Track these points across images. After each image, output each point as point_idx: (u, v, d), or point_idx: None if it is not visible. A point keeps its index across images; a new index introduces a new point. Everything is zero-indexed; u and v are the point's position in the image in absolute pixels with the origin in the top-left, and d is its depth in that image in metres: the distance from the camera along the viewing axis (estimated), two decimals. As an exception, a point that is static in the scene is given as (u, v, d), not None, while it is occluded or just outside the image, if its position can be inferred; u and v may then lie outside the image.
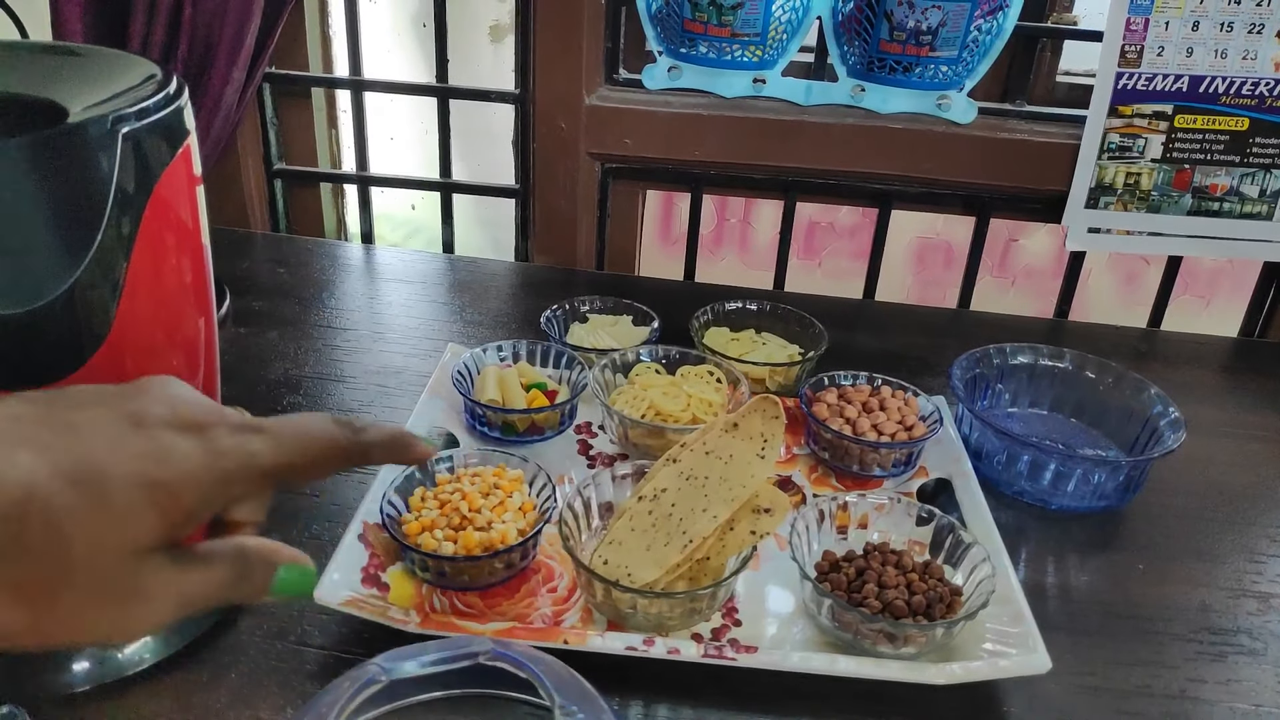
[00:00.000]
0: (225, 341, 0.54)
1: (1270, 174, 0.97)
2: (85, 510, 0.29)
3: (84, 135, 0.41)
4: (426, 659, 0.41)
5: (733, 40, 0.97)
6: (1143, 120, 0.96)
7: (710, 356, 0.80)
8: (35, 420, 0.30)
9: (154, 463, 0.31)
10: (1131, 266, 1.50)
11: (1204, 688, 0.58)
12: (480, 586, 0.59)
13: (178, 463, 0.31)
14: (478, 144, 1.22)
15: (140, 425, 0.31)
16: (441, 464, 0.65)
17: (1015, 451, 0.73)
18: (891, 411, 0.74)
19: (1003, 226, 1.40)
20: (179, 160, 0.46)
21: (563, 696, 0.39)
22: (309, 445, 0.34)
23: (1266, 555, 0.70)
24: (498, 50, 1.40)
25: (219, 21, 0.90)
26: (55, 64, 0.49)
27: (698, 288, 1.09)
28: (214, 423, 0.32)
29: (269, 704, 0.52)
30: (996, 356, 0.82)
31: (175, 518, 0.31)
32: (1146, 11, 0.92)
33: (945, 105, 0.98)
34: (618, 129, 1.02)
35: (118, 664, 0.52)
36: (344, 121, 1.17)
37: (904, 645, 0.55)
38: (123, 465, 0.30)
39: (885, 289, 1.11)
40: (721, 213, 1.59)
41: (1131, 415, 0.77)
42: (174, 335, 0.50)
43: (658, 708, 0.54)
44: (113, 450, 0.30)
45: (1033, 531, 0.71)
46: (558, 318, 0.88)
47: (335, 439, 0.35)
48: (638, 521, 0.58)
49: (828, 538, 0.64)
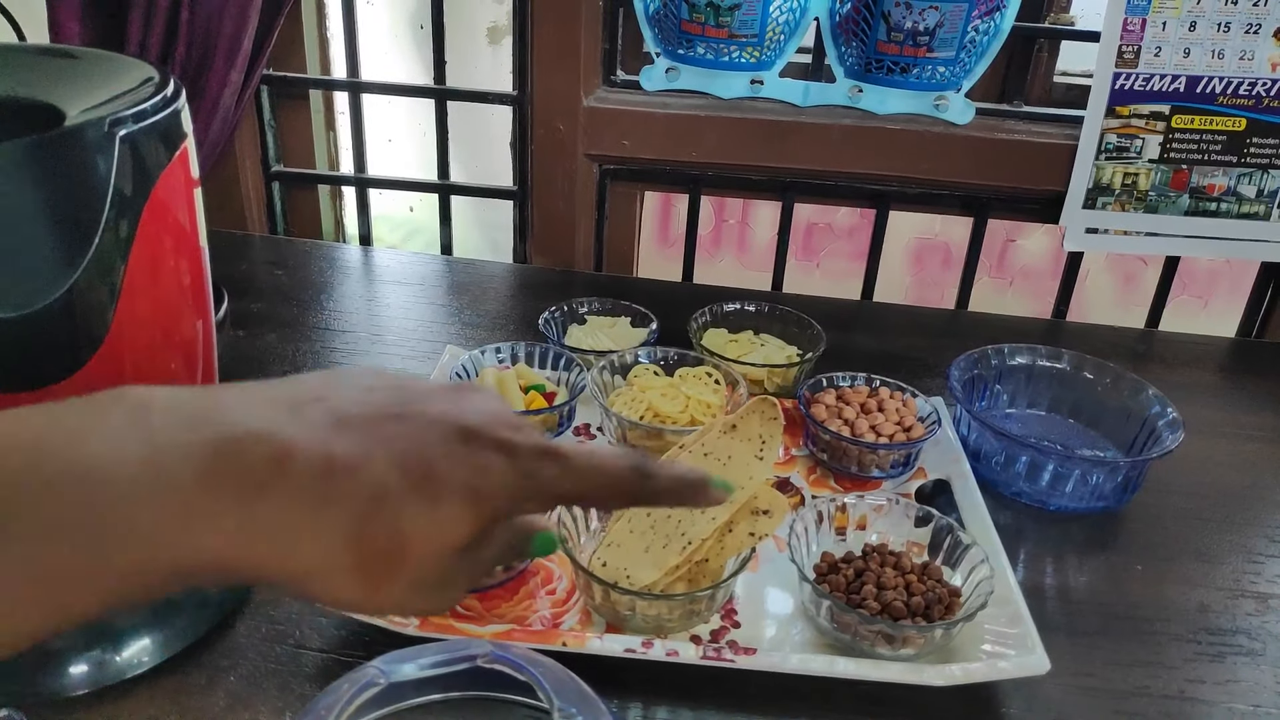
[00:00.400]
0: (223, 344, 0.54)
1: (1267, 174, 0.97)
2: (421, 511, 0.32)
3: (81, 138, 0.41)
4: (425, 661, 0.41)
5: (730, 41, 0.97)
6: (1140, 120, 0.96)
7: (708, 358, 0.80)
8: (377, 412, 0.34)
9: (476, 475, 0.34)
10: (1129, 267, 1.50)
11: (1202, 688, 0.58)
12: (479, 589, 0.59)
13: (494, 479, 0.34)
14: (476, 146, 1.22)
15: (467, 439, 0.34)
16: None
17: (1013, 452, 0.73)
18: (890, 413, 0.74)
19: (1000, 227, 1.40)
20: (176, 163, 0.46)
21: (561, 699, 0.39)
22: (601, 482, 0.36)
23: (1265, 555, 0.70)
24: (495, 52, 1.40)
25: (216, 24, 0.90)
26: (53, 67, 0.49)
27: (696, 289, 1.09)
28: (522, 443, 0.35)
29: (267, 707, 0.52)
30: (994, 357, 0.82)
31: (484, 524, 0.34)
32: (1144, 12, 0.92)
33: (943, 106, 0.98)
34: (616, 130, 1.02)
35: (116, 667, 0.52)
36: (342, 123, 1.17)
37: (903, 646, 0.55)
38: (454, 475, 0.33)
39: (883, 290, 1.11)
40: (719, 214, 1.59)
41: (1129, 416, 0.77)
42: (172, 337, 0.50)
43: (656, 710, 0.54)
44: (446, 458, 0.33)
45: (1031, 532, 0.71)
46: (556, 319, 0.88)
47: (625, 481, 0.37)
48: (636, 523, 0.58)
49: (826, 539, 0.64)
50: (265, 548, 0.31)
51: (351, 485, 0.31)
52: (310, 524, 0.31)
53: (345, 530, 0.31)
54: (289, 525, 0.31)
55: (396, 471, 0.32)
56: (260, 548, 0.31)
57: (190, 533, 0.29)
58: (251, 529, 0.30)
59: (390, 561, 0.32)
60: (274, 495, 0.30)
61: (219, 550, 0.30)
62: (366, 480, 0.32)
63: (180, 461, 0.30)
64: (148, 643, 0.53)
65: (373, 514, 0.32)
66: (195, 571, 0.30)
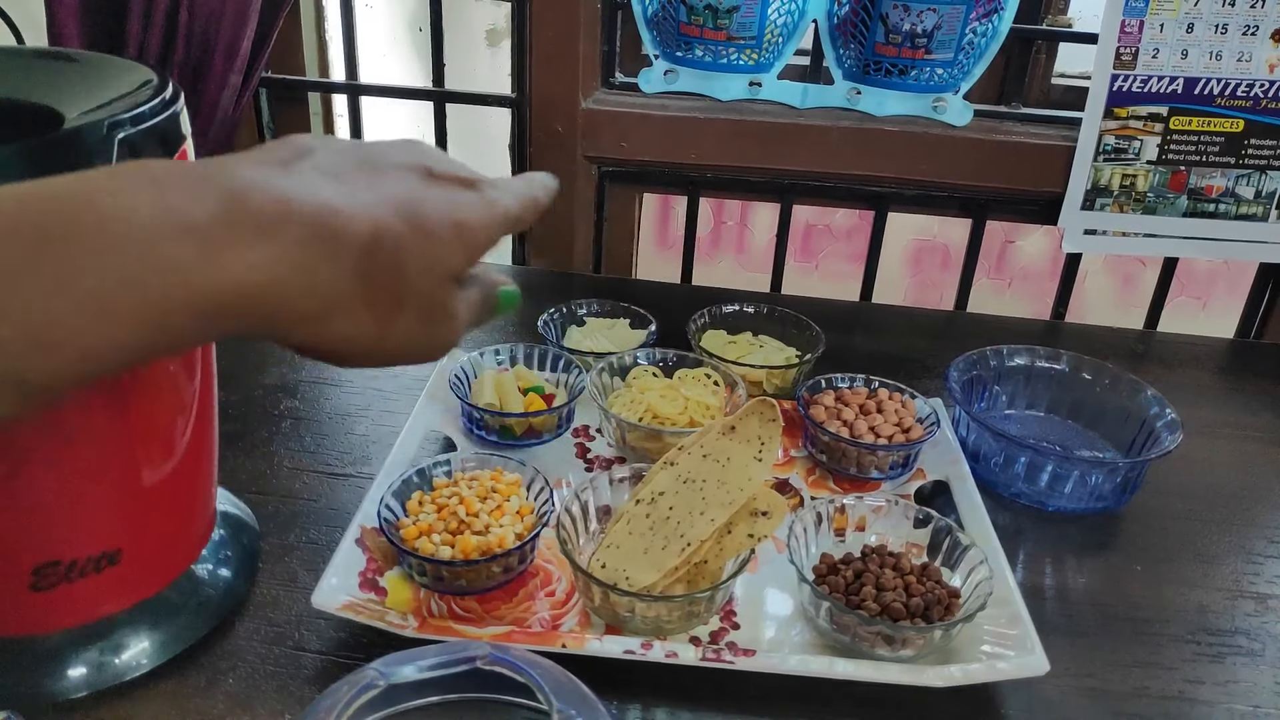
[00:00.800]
0: (222, 346, 0.54)
1: (1265, 175, 0.97)
2: (416, 242, 0.37)
3: (80, 141, 0.41)
4: (424, 663, 0.41)
5: (728, 44, 0.97)
6: (1138, 122, 0.96)
7: (707, 359, 0.80)
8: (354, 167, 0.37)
9: (454, 207, 0.38)
10: (1128, 268, 1.50)
11: (1202, 689, 0.58)
12: (478, 590, 0.59)
13: (469, 209, 0.39)
14: (474, 148, 1.22)
15: (431, 178, 0.39)
16: (439, 468, 0.65)
17: (1012, 453, 0.73)
18: (889, 414, 0.74)
19: (999, 228, 1.40)
20: (175, 165, 0.46)
21: (561, 700, 0.39)
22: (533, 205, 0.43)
23: (1264, 556, 0.70)
24: (494, 54, 1.40)
25: (215, 26, 0.90)
26: (51, 69, 0.49)
27: (695, 290, 1.09)
28: (476, 179, 0.41)
29: (266, 709, 0.52)
30: (993, 358, 0.82)
31: (472, 253, 0.39)
32: (1141, 14, 0.92)
33: (941, 108, 0.98)
34: (614, 132, 1.02)
35: (115, 669, 0.52)
36: (341, 126, 1.17)
37: (902, 648, 0.55)
38: (435, 207, 0.38)
39: (882, 291, 1.11)
40: (718, 215, 1.60)
41: (1128, 417, 0.77)
42: (171, 340, 0.50)
43: (656, 711, 0.54)
44: (423, 196, 0.38)
45: (1030, 533, 0.71)
46: (555, 321, 0.88)
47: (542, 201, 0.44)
48: (635, 525, 0.58)
49: (825, 540, 0.64)
50: (286, 277, 0.33)
51: (353, 226, 0.35)
52: (322, 261, 0.34)
53: (354, 266, 0.35)
54: (304, 262, 0.34)
55: (389, 212, 0.36)
56: (280, 278, 0.33)
57: (211, 264, 0.31)
58: (271, 260, 0.33)
59: (395, 294, 0.36)
60: (284, 235, 0.33)
61: (240, 281, 0.32)
62: (365, 220, 0.35)
63: (192, 204, 0.32)
64: (147, 645, 0.53)
65: (375, 250, 0.35)
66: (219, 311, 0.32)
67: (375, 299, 0.36)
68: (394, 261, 0.36)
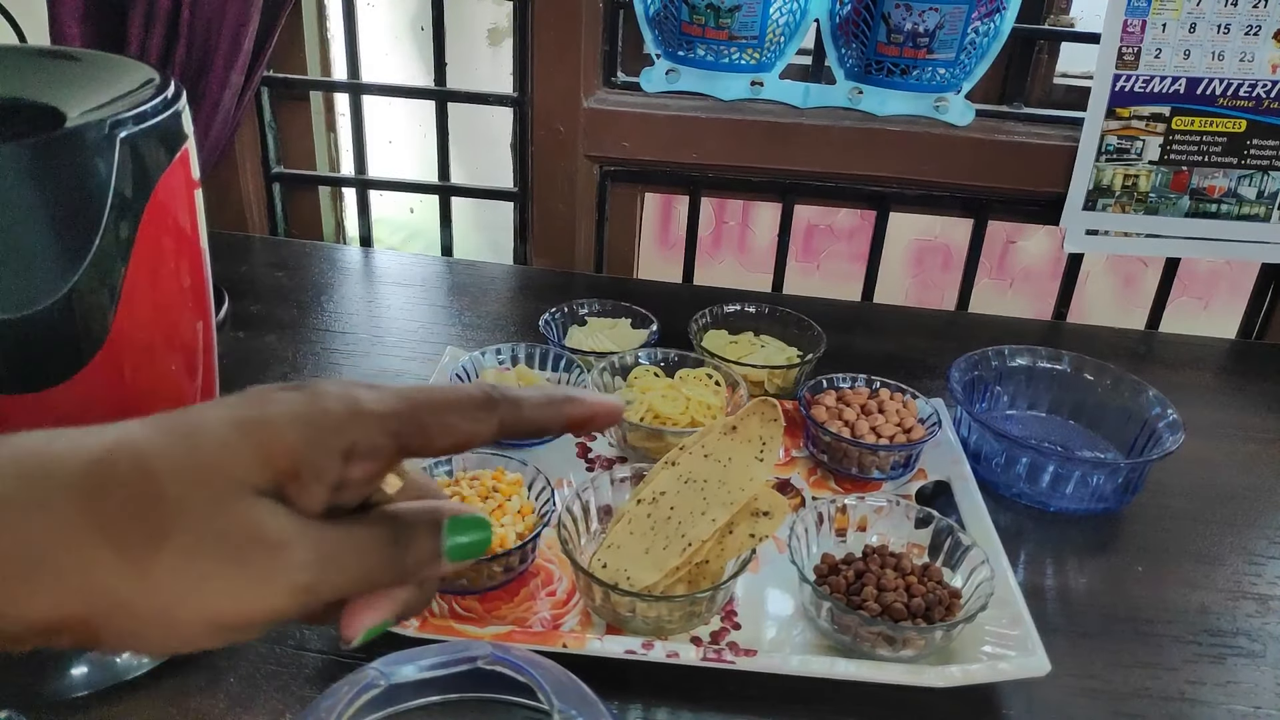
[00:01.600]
0: (224, 345, 0.54)
1: (1268, 175, 0.97)
2: (175, 449, 0.28)
3: (82, 140, 0.41)
4: (425, 663, 0.41)
5: (730, 43, 0.97)
6: (1140, 122, 0.96)
7: (709, 359, 0.80)
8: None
9: (247, 406, 0.29)
10: (1129, 268, 1.50)
11: (1203, 689, 0.58)
12: (479, 590, 0.59)
13: (274, 404, 0.29)
14: (476, 147, 1.22)
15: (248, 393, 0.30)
16: (440, 468, 0.65)
17: (1014, 454, 0.73)
18: (890, 414, 0.74)
19: (1001, 228, 1.40)
20: (177, 164, 0.46)
21: (562, 700, 0.39)
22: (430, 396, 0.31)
23: (1265, 557, 0.70)
24: (496, 54, 1.40)
25: (217, 25, 0.90)
26: (53, 68, 0.49)
27: (696, 290, 1.09)
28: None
29: (267, 709, 0.52)
30: (995, 359, 0.82)
31: (279, 461, 0.29)
32: (1144, 14, 0.92)
33: (943, 107, 0.98)
34: (616, 132, 1.02)
35: (116, 669, 0.52)
36: (342, 125, 1.17)
37: (903, 648, 0.55)
38: (216, 412, 0.29)
39: (884, 291, 1.11)
40: (720, 215, 1.59)
41: (1130, 417, 0.77)
42: (172, 339, 0.50)
43: (657, 711, 0.54)
44: (215, 407, 0.30)
45: (1031, 534, 0.71)
46: (556, 321, 0.88)
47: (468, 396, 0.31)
48: (636, 525, 0.58)
49: (827, 540, 0.64)
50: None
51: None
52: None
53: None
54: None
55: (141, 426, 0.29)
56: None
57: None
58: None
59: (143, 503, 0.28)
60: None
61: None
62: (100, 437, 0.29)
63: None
64: (148, 644, 0.53)
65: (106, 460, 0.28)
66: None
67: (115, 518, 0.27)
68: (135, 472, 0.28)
